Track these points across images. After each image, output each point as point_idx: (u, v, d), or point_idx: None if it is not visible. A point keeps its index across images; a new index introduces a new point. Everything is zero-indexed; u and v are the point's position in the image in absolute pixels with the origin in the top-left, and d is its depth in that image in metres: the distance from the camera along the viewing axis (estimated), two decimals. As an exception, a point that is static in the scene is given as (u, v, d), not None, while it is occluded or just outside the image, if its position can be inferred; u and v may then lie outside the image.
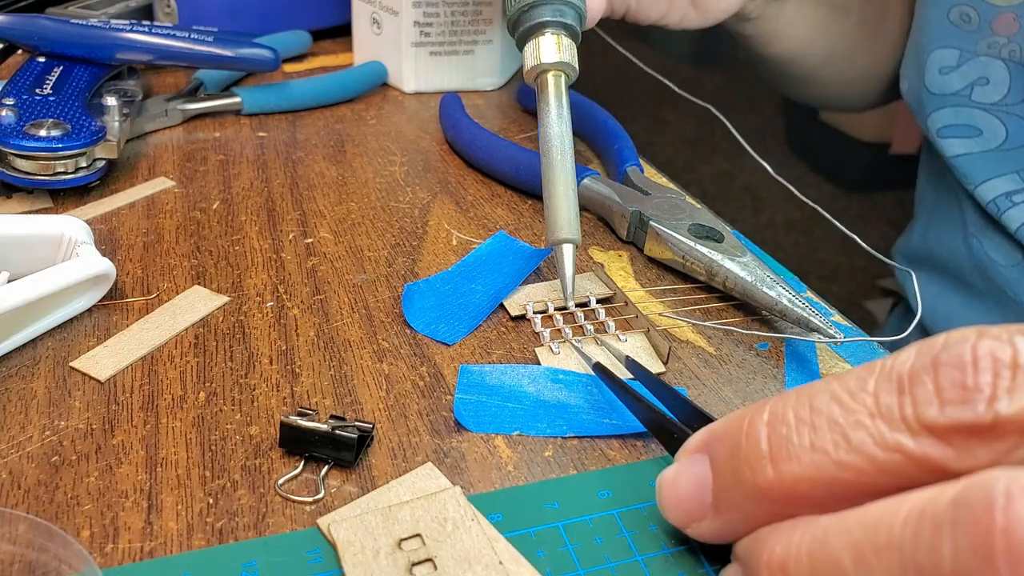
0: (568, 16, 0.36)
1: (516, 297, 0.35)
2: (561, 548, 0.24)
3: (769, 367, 0.32)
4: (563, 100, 0.35)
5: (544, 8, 0.35)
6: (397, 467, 0.27)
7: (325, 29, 0.64)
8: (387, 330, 0.34)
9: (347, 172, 0.46)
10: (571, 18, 0.36)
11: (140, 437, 0.28)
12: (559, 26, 0.35)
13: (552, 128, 0.34)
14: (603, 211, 0.41)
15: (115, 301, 0.34)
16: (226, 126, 0.51)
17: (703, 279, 0.36)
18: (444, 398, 0.30)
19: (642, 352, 0.32)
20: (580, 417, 0.29)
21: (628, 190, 0.40)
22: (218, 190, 0.44)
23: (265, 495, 0.26)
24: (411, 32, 0.55)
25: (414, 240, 0.40)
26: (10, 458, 0.27)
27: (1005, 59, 0.48)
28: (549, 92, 0.35)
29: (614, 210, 0.40)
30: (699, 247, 0.36)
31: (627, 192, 0.40)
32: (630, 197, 0.40)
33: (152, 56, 0.48)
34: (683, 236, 0.37)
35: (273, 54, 0.50)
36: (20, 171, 0.41)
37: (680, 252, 0.37)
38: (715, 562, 0.24)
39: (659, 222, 0.38)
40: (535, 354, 0.32)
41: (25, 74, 0.45)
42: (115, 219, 0.41)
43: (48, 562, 0.23)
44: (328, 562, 0.24)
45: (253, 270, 0.37)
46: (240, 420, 0.29)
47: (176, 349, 0.32)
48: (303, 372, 0.31)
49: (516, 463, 0.28)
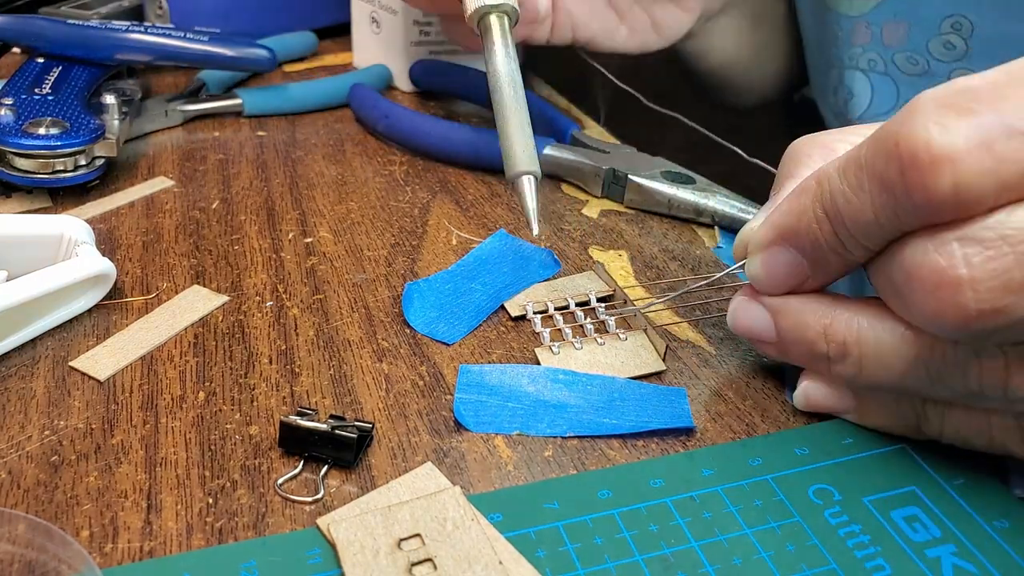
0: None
1: (516, 297, 0.35)
2: (561, 548, 0.24)
3: (769, 366, 0.32)
4: (508, 39, 0.35)
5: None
6: (397, 467, 0.27)
7: (323, 28, 0.64)
8: (387, 330, 0.34)
9: (347, 171, 0.46)
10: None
11: (140, 437, 0.28)
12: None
13: (500, 67, 0.35)
14: (573, 174, 0.44)
15: (114, 301, 0.34)
16: (225, 126, 0.51)
17: (690, 216, 0.41)
18: (444, 398, 0.30)
19: (641, 350, 0.32)
20: (580, 417, 0.29)
21: (587, 151, 0.44)
22: (217, 190, 0.44)
23: (265, 495, 0.26)
24: (411, 31, 0.55)
25: (414, 240, 0.40)
26: (9, 458, 0.27)
27: (864, 70, 0.48)
28: (494, 33, 0.35)
29: (586, 170, 0.44)
30: (680, 192, 0.41)
31: (588, 153, 0.44)
32: (594, 156, 0.44)
33: (150, 56, 0.48)
34: (664, 184, 0.42)
35: (270, 54, 0.50)
36: (19, 170, 0.41)
37: (665, 198, 0.42)
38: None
39: (636, 175, 0.42)
40: (535, 354, 0.32)
41: (24, 74, 0.45)
42: (114, 219, 0.41)
43: (47, 562, 0.23)
44: (328, 562, 0.24)
45: (252, 270, 0.37)
46: (240, 420, 0.29)
47: (176, 349, 0.32)
48: (303, 372, 0.31)
49: (516, 463, 0.28)
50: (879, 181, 0.23)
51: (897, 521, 0.26)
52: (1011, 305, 0.21)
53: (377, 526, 0.24)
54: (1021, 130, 0.20)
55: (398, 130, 0.48)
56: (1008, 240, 0.21)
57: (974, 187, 0.21)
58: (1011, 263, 0.21)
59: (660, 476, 0.27)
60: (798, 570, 0.24)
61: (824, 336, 0.27)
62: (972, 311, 0.21)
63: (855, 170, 0.24)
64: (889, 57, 0.47)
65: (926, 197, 0.22)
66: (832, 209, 0.25)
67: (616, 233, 0.41)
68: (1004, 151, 0.21)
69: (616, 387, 0.30)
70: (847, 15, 0.47)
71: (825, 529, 0.25)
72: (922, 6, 0.46)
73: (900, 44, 0.46)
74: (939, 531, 0.25)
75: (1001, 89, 0.21)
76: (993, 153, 0.21)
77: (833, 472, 0.27)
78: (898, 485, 0.27)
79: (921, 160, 0.21)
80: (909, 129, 0.22)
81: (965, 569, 0.24)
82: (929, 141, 0.21)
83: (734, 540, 0.25)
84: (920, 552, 0.25)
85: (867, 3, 0.47)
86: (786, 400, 0.30)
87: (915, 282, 0.23)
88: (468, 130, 0.46)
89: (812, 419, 0.30)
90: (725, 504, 0.26)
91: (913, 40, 0.46)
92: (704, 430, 0.29)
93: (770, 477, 0.27)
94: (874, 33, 0.47)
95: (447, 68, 0.54)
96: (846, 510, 0.26)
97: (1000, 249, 0.21)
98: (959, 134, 0.21)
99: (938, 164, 0.21)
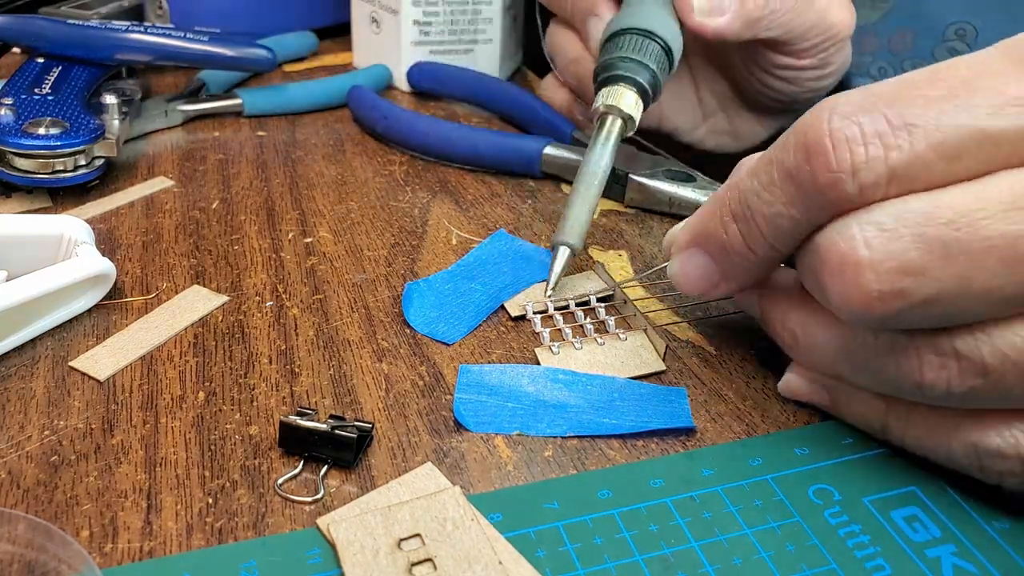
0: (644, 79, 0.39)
1: (516, 297, 0.35)
2: (561, 548, 0.24)
3: (770, 365, 0.32)
4: (613, 140, 0.38)
5: (631, 65, 0.39)
6: (397, 467, 0.27)
7: (323, 28, 0.64)
8: (387, 330, 0.34)
9: (347, 171, 0.46)
10: (647, 83, 0.39)
11: (139, 437, 0.28)
12: (635, 84, 0.39)
13: (596, 158, 0.38)
14: (573, 173, 0.43)
15: (114, 300, 0.34)
16: (225, 126, 0.51)
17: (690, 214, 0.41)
18: (444, 398, 0.30)
19: (641, 350, 0.32)
20: (580, 417, 0.29)
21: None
22: (217, 190, 0.44)
23: (264, 495, 0.26)
24: (411, 31, 0.55)
25: (414, 240, 0.40)
26: (9, 458, 0.27)
27: (875, 77, 0.48)
28: (606, 130, 0.39)
29: None
30: (682, 190, 0.42)
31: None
32: None
33: (150, 56, 0.48)
34: (665, 183, 0.42)
35: (270, 54, 0.50)
36: (19, 170, 0.41)
37: (666, 196, 0.42)
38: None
39: (637, 173, 0.43)
40: (535, 354, 0.32)
41: (24, 74, 0.45)
42: (114, 219, 0.41)
43: (47, 562, 0.23)
44: (327, 562, 0.24)
45: (252, 270, 0.37)
46: (239, 420, 0.29)
47: (175, 349, 0.32)
48: (302, 372, 0.31)
49: (516, 463, 0.28)
50: (787, 172, 0.24)
51: (897, 521, 0.26)
52: (909, 287, 0.22)
53: (377, 526, 0.24)
54: (912, 123, 0.22)
55: (397, 131, 0.48)
56: (904, 222, 0.22)
57: (872, 173, 0.23)
58: (908, 244, 0.22)
59: (660, 476, 0.27)
60: (798, 570, 0.24)
61: (781, 324, 0.29)
62: (874, 292, 0.23)
63: (765, 167, 0.25)
64: (899, 64, 0.48)
65: (829, 180, 0.23)
66: (741, 210, 0.26)
67: (616, 233, 0.41)
68: (897, 140, 0.22)
69: (616, 387, 0.30)
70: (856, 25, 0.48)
71: (825, 529, 0.25)
72: (928, 15, 0.47)
73: (906, 51, 0.47)
74: (939, 531, 0.25)
75: (896, 91, 0.23)
76: (888, 143, 0.22)
77: (833, 472, 0.27)
78: (898, 485, 0.27)
79: (824, 145, 0.23)
80: (814, 121, 0.24)
81: (965, 569, 0.24)
82: (833, 130, 0.23)
83: (734, 540, 0.25)
84: (920, 552, 0.25)
85: (875, 13, 0.48)
86: (786, 400, 0.30)
87: (822, 266, 0.24)
88: (468, 130, 0.46)
89: (812, 419, 0.30)
90: (725, 504, 0.26)
91: (919, 48, 0.47)
92: (704, 430, 0.29)
93: (770, 477, 0.27)
94: (882, 42, 0.48)
95: (446, 69, 0.54)
96: (846, 510, 0.26)
97: (898, 231, 0.22)
98: (858, 123, 0.23)
99: (839, 148, 0.23)
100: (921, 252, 0.22)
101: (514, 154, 0.45)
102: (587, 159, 0.38)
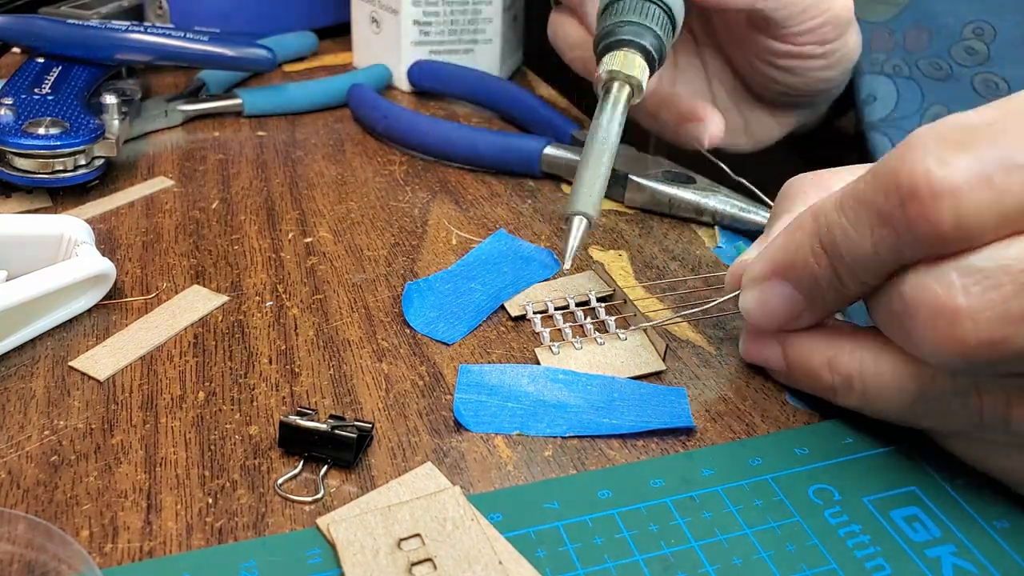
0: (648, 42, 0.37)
1: (516, 297, 0.35)
2: (561, 548, 0.24)
3: (769, 367, 0.32)
4: (620, 108, 0.36)
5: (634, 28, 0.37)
6: (397, 467, 0.27)
7: (323, 28, 0.64)
8: (387, 330, 0.34)
9: (347, 171, 0.46)
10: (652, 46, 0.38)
11: (139, 437, 0.28)
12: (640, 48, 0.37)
13: (603, 125, 0.36)
14: (573, 174, 0.42)
15: (114, 301, 0.34)
16: (225, 126, 0.51)
17: (690, 216, 0.42)
18: (444, 398, 0.30)
19: (641, 350, 0.32)
20: (580, 417, 0.29)
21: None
22: (217, 190, 0.44)
23: (264, 495, 0.26)
24: (411, 31, 0.55)
25: (414, 240, 0.40)
26: (9, 458, 0.27)
27: (890, 75, 0.48)
28: (612, 96, 0.37)
29: None
30: (681, 192, 0.42)
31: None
32: None
33: (150, 56, 0.48)
34: (665, 184, 0.42)
35: (270, 54, 0.50)
36: (19, 170, 0.41)
37: (665, 198, 0.42)
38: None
39: (637, 175, 0.43)
40: (535, 354, 0.32)
41: (23, 74, 0.45)
42: (114, 219, 0.41)
43: (47, 562, 0.23)
44: (327, 562, 0.24)
45: (252, 269, 0.37)
46: (239, 420, 0.29)
47: (175, 349, 0.32)
48: (302, 372, 0.31)
49: (516, 463, 0.28)
50: (878, 214, 0.23)
51: (897, 521, 0.26)
52: (1011, 336, 0.21)
53: (377, 526, 0.24)
54: (1019, 163, 0.21)
55: (397, 130, 0.48)
56: (1007, 270, 0.21)
57: (975, 219, 0.21)
58: (1009, 293, 0.21)
59: (660, 476, 0.27)
60: (798, 570, 0.24)
61: (829, 368, 0.27)
62: (971, 342, 0.21)
63: (853, 204, 0.24)
64: (913, 62, 0.48)
65: (928, 230, 0.22)
66: (830, 243, 0.25)
67: (616, 233, 0.41)
68: (1003, 184, 0.21)
69: (616, 387, 0.30)
70: (867, 21, 0.48)
71: (825, 529, 0.25)
72: (944, 13, 0.46)
73: (923, 50, 0.47)
74: (939, 531, 0.25)
75: (997, 123, 0.22)
76: (993, 186, 0.21)
77: (833, 472, 0.27)
78: (898, 485, 0.27)
79: (922, 193, 0.22)
80: (909, 163, 0.22)
81: (965, 569, 0.24)
82: (929, 174, 0.21)
83: (734, 540, 0.25)
84: (920, 552, 0.25)
85: (889, 10, 0.48)
86: (786, 400, 0.30)
87: (914, 313, 0.23)
88: (468, 130, 0.46)
89: (812, 419, 0.30)
90: (725, 504, 0.26)
91: (935, 46, 0.47)
92: (704, 430, 0.29)
93: (770, 477, 0.27)
94: (896, 40, 0.48)
95: (447, 68, 0.54)
96: (846, 510, 0.26)
97: (999, 279, 0.21)
98: (959, 167, 0.21)
99: (939, 197, 0.21)
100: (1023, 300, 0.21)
101: (514, 154, 0.45)
102: (595, 127, 0.35)
